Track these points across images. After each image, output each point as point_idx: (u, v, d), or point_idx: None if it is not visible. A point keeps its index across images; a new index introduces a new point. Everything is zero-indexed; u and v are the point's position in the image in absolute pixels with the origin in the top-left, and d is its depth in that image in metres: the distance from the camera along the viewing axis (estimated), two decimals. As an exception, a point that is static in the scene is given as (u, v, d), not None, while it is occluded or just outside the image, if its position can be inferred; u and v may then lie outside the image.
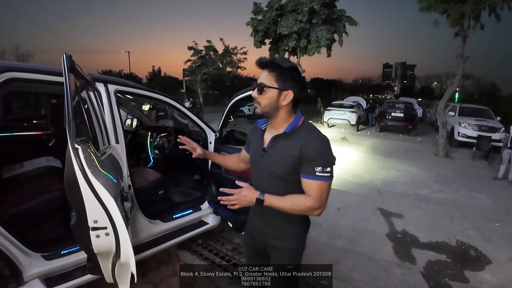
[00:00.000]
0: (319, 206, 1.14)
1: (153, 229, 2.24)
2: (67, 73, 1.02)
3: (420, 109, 16.08)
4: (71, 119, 0.95)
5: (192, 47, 16.91)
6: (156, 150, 3.19)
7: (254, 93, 1.17)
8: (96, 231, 1.05)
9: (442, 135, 8.20)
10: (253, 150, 1.35)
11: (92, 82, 1.74)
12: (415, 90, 64.73)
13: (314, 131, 1.18)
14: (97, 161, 1.14)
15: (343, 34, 11.09)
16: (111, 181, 1.16)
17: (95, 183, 0.99)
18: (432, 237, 3.42)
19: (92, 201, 0.99)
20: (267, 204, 1.13)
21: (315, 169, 1.11)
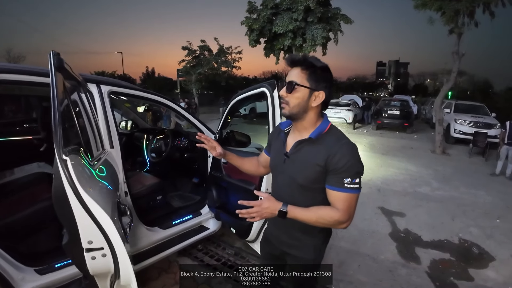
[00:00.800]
0: (347, 219, 1.05)
1: (152, 237, 2.14)
2: (53, 72, 0.91)
3: (415, 106, 16.17)
4: (57, 124, 0.83)
5: (186, 47, 16.72)
6: (153, 153, 3.08)
7: (282, 92, 1.09)
8: (91, 252, 0.94)
9: (438, 132, 8.21)
10: (274, 154, 1.27)
11: (84, 83, 1.63)
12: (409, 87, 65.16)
13: (343, 139, 1.09)
14: (90, 171, 1.04)
15: (338, 33, 11.06)
16: (107, 193, 1.05)
17: (87, 199, 0.87)
18: (435, 236, 3.39)
19: (84, 220, 0.88)
20: (291, 217, 1.05)
21: (344, 180, 1.03)
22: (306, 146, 1.11)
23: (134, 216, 2.00)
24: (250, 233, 2.14)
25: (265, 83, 1.94)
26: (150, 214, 2.30)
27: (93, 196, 0.89)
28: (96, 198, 0.90)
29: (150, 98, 2.24)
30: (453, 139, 9.43)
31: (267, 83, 1.92)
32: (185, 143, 3.07)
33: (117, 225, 0.97)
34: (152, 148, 3.11)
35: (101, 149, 1.68)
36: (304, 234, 1.21)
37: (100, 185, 1.06)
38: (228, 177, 2.30)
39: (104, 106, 1.82)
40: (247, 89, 2.16)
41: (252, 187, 2.00)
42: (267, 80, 2.13)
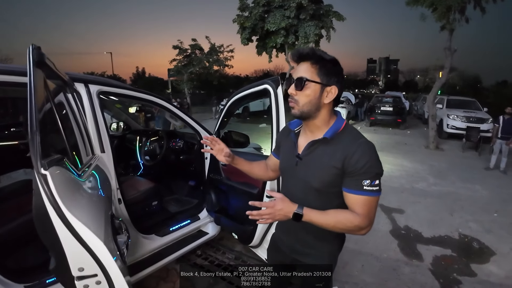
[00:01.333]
0: (368, 224, 0.97)
1: (148, 246, 2.03)
2: (32, 68, 0.78)
3: (407, 102, 16.31)
4: (35, 131, 0.69)
5: (177, 46, 16.51)
6: (146, 156, 2.95)
7: (291, 90, 0.99)
8: (83, 280, 0.80)
9: (432, 128, 8.27)
10: (284, 156, 1.18)
11: (70, 83, 1.49)
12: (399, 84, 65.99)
13: (360, 138, 1.01)
14: (78, 182, 0.91)
15: (330, 30, 11.02)
16: (98, 207, 0.93)
17: (74, 221, 0.73)
18: (435, 232, 3.37)
19: (72, 245, 0.75)
20: (307, 220, 0.96)
21: (363, 182, 0.95)
22: (321, 147, 1.03)
23: (129, 224, 1.89)
24: (254, 238, 2.04)
25: (269, 79, 1.82)
26: (146, 221, 2.19)
27: (81, 217, 0.76)
28: (84, 219, 0.77)
29: (142, 98, 2.11)
30: (446, 134, 9.51)
31: (271, 80, 1.80)
32: (180, 145, 2.94)
33: (111, 246, 0.85)
34: (146, 150, 2.97)
35: (91, 154, 1.55)
36: (319, 240, 1.12)
37: (90, 199, 0.94)
38: (228, 180, 2.19)
39: (93, 107, 1.68)
40: (248, 86, 2.04)
41: (255, 190, 1.90)
42: (259, 79, 2.03)
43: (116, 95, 2.03)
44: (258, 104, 15.81)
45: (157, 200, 2.47)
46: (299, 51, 0.99)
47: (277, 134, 1.73)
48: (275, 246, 1.30)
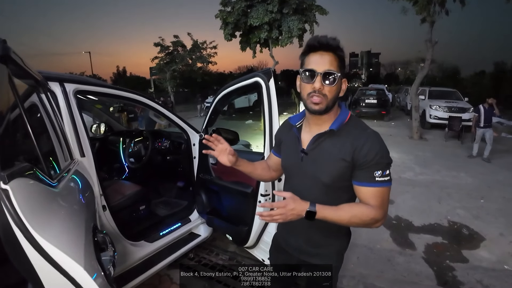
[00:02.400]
0: (383, 216, 0.95)
1: (138, 253, 1.91)
2: None
3: (390, 94, 16.63)
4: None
5: (158, 43, 16.11)
6: (131, 158, 2.79)
7: (318, 84, 0.91)
8: None
9: (415, 119, 8.44)
10: (287, 153, 1.13)
11: (43, 82, 1.34)
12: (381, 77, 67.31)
13: (367, 128, 0.99)
14: (51, 194, 0.79)
15: (314, 24, 10.97)
16: (77, 222, 0.82)
17: (44, 244, 0.60)
18: (425, 220, 3.43)
19: (48, 271, 0.62)
20: (320, 217, 0.91)
21: (374, 174, 0.92)
22: (328, 140, 0.99)
23: (116, 232, 1.76)
24: (249, 239, 1.96)
25: (260, 71, 1.72)
26: (134, 228, 2.06)
27: (53, 238, 0.63)
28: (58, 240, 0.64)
29: (123, 96, 1.96)
30: (429, 125, 9.74)
31: (262, 72, 1.71)
32: (166, 145, 2.81)
33: (95, 266, 0.74)
34: (130, 152, 2.82)
35: (69, 159, 1.42)
36: (328, 238, 1.09)
37: (67, 213, 0.82)
38: (220, 180, 2.09)
39: (70, 108, 1.53)
40: (237, 80, 1.94)
41: (249, 189, 1.81)
42: (243, 75, 1.93)
43: (94, 94, 1.88)
44: (244, 101, 15.69)
45: (144, 204, 2.34)
46: (322, 40, 0.92)
47: (270, 130, 1.65)
48: (278, 247, 1.25)
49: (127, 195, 2.20)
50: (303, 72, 0.94)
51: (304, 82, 0.95)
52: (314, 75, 0.92)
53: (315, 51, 0.94)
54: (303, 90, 0.97)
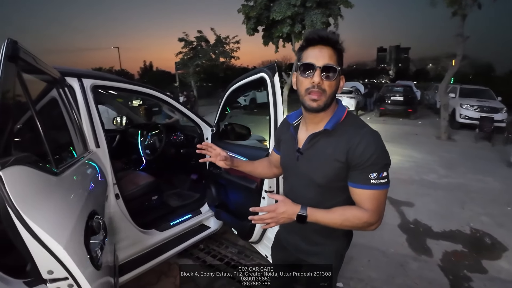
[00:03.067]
0: (377, 220, 0.91)
1: (148, 241, 2.01)
2: (3, 63, 0.74)
3: (418, 92, 15.86)
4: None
5: (182, 38, 16.39)
6: (147, 150, 2.92)
7: (317, 79, 0.88)
8: (55, 283, 0.78)
9: (443, 118, 8.01)
10: (285, 152, 1.12)
11: (60, 77, 1.45)
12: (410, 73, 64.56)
13: (363, 127, 0.94)
14: (50, 181, 0.87)
15: (338, 18, 10.65)
16: (72, 206, 0.91)
17: (31, 224, 0.70)
18: (446, 226, 3.27)
19: (37, 248, 0.73)
20: (312, 220, 0.91)
21: (369, 176, 0.88)
22: (322, 139, 0.96)
23: (128, 219, 1.86)
24: (253, 234, 1.99)
25: (264, 67, 1.73)
26: (145, 216, 2.16)
27: (40, 219, 0.73)
28: (44, 221, 0.74)
29: (138, 90, 2.05)
30: (458, 124, 9.20)
31: (267, 67, 1.71)
32: (181, 138, 2.90)
33: (78, 252, 0.82)
34: (146, 144, 2.94)
35: (84, 149, 1.51)
36: (325, 238, 1.07)
37: (63, 198, 0.91)
38: (227, 174, 2.13)
39: (87, 102, 1.64)
40: (245, 76, 1.95)
41: (253, 185, 1.84)
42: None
43: (112, 88, 1.98)
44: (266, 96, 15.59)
45: (157, 195, 2.44)
46: (322, 33, 0.89)
47: (275, 126, 1.65)
48: (279, 244, 1.26)
49: (141, 185, 2.31)
50: (301, 66, 0.91)
51: (302, 77, 0.91)
52: (313, 69, 0.88)
53: (314, 45, 0.90)
54: (300, 86, 0.93)
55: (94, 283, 0.84)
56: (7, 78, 0.76)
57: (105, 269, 1.01)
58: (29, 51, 0.93)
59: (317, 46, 0.90)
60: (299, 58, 0.94)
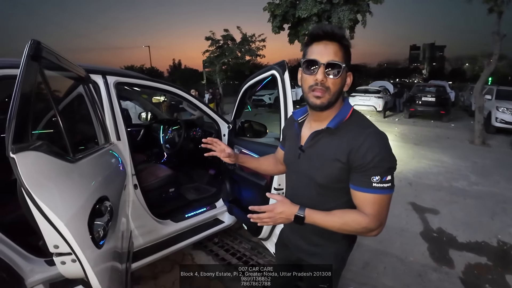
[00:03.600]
0: (378, 226, 0.88)
1: (163, 230, 2.10)
2: (25, 59, 0.85)
3: (452, 92, 14.91)
4: (13, 117, 0.76)
5: (209, 37, 16.75)
6: (167, 144, 3.05)
7: (321, 76, 0.85)
8: (60, 257, 0.88)
9: (478, 121, 7.47)
10: (288, 149, 1.11)
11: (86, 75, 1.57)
12: (445, 72, 60.88)
13: (369, 127, 0.90)
14: (64, 167, 0.96)
15: (366, 14, 10.31)
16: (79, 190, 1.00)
17: (42, 204, 0.79)
18: (471, 236, 3.07)
19: (44, 224, 0.82)
20: (309, 222, 0.90)
21: (372, 179, 0.84)
22: (324, 138, 0.94)
23: (145, 208, 1.97)
24: (262, 230, 2.02)
25: (275, 64, 1.73)
26: (162, 207, 2.26)
27: (48, 198, 0.82)
28: (51, 201, 0.83)
29: (158, 87, 2.15)
30: (494, 129, 8.54)
31: (277, 64, 1.71)
32: (199, 134, 3.00)
33: (79, 230, 0.90)
34: (167, 139, 3.07)
35: (105, 141, 1.62)
36: (325, 239, 1.05)
37: (72, 182, 1.00)
38: (240, 170, 2.17)
39: (110, 97, 1.76)
40: (257, 73, 1.97)
41: (263, 182, 1.86)
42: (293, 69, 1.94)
43: (134, 85, 2.10)
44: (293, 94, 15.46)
45: (174, 187, 2.54)
46: (327, 29, 0.86)
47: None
48: (282, 242, 1.25)
49: (160, 177, 2.42)
50: (304, 63, 0.88)
51: (305, 74, 0.89)
52: (316, 65, 0.85)
53: (318, 41, 0.87)
54: (304, 83, 0.91)
55: (95, 261, 0.92)
56: (28, 75, 0.85)
57: (112, 253, 1.09)
58: (52, 50, 1.04)
59: (321, 41, 0.87)
60: (304, 54, 0.92)
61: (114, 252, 1.13)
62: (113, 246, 1.12)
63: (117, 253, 1.19)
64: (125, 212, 1.59)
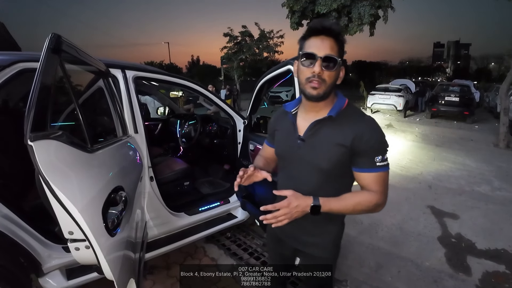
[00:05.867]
0: (384, 201, 0.99)
1: (177, 222, 2.15)
2: (46, 52, 0.88)
3: (477, 93, 14.19)
4: (32, 106, 0.80)
5: (227, 33, 16.80)
6: (183, 138, 3.10)
7: (318, 69, 0.90)
8: (74, 243, 0.93)
9: (503, 123, 7.10)
10: (282, 141, 1.12)
11: (106, 69, 1.62)
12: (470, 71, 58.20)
13: (364, 115, 1.01)
14: (80, 156, 1.00)
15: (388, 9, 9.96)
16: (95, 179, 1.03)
17: (57, 191, 0.83)
18: (491, 244, 2.93)
19: (59, 211, 0.85)
20: (326, 210, 0.94)
21: (375, 159, 0.95)
22: (326, 125, 0.99)
23: (160, 200, 2.01)
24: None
25: (291, 59, 1.72)
26: (176, 200, 2.31)
27: (63, 186, 0.85)
28: (66, 188, 0.86)
29: (176, 82, 2.18)
30: (521, 132, 8.07)
31: (293, 59, 1.71)
32: (215, 129, 3.03)
33: (93, 217, 0.93)
34: (183, 133, 3.12)
35: (123, 133, 1.67)
36: (324, 229, 1.09)
37: (89, 170, 1.03)
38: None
39: (128, 91, 1.80)
40: (274, 68, 1.96)
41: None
42: None
43: (152, 79, 2.14)
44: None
45: (189, 181, 2.58)
46: (325, 24, 0.91)
47: None
48: (275, 236, 1.24)
49: (175, 170, 2.47)
50: (302, 56, 0.93)
51: (303, 66, 0.93)
52: (314, 59, 0.90)
53: (316, 35, 0.92)
54: (301, 75, 0.95)
55: (107, 248, 0.95)
56: (48, 67, 0.89)
57: (125, 242, 1.13)
58: (72, 44, 1.08)
59: (319, 36, 0.91)
60: (301, 47, 0.96)
61: (127, 242, 1.17)
62: (126, 235, 1.16)
63: (130, 242, 1.23)
64: (140, 203, 1.63)
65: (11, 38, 2.72)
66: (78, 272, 1.65)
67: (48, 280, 1.56)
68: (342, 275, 2.34)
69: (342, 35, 0.93)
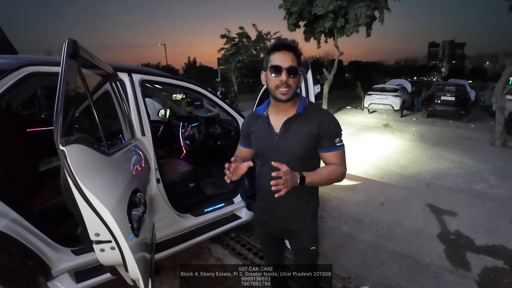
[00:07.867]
0: (346, 170, 1.25)
1: (183, 224, 2.17)
2: (65, 58, 0.91)
3: (472, 92, 14.35)
4: (59, 112, 0.82)
5: (224, 35, 16.79)
6: (187, 140, 3.13)
7: (284, 77, 1.14)
8: (100, 244, 0.94)
9: (499, 122, 7.20)
10: (260, 139, 1.31)
11: (114, 73, 1.64)
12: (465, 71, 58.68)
13: (322, 109, 1.30)
14: (103, 159, 1.03)
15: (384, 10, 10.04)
16: (118, 182, 1.06)
17: (88, 193, 0.86)
18: (489, 240, 3.00)
19: (88, 213, 0.88)
20: (308, 181, 1.13)
21: (335, 141, 1.22)
22: (296, 121, 1.23)
23: (166, 202, 2.04)
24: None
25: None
26: (182, 201, 2.34)
27: (93, 188, 0.88)
28: (96, 190, 0.89)
29: (180, 85, 2.22)
30: (516, 130, 8.18)
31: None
32: (219, 131, 3.06)
33: (121, 218, 0.96)
34: (187, 135, 3.15)
35: (131, 136, 1.70)
36: (306, 205, 1.33)
37: (111, 174, 1.06)
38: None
39: (135, 94, 1.83)
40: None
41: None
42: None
43: (158, 83, 2.17)
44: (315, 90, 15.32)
45: (193, 182, 2.61)
46: (286, 42, 1.15)
47: None
48: (262, 221, 1.46)
49: (180, 172, 2.50)
50: (271, 68, 1.15)
51: (271, 76, 1.16)
52: (281, 69, 1.13)
53: (279, 50, 1.15)
54: (270, 83, 1.18)
55: (134, 248, 0.98)
56: (69, 73, 0.92)
57: (143, 243, 1.16)
58: (86, 49, 1.11)
59: (281, 51, 1.15)
60: (267, 61, 1.18)
61: (145, 243, 1.20)
62: (144, 236, 1.19)
63: (146, 243, 1.26)
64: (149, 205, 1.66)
65: (7, 40, 2.72)
66: (86, 274, 1.67)
67: (57, 283, 1.57)
68: (345, 272, 2.39)
69: (299, 49, 1.17)
